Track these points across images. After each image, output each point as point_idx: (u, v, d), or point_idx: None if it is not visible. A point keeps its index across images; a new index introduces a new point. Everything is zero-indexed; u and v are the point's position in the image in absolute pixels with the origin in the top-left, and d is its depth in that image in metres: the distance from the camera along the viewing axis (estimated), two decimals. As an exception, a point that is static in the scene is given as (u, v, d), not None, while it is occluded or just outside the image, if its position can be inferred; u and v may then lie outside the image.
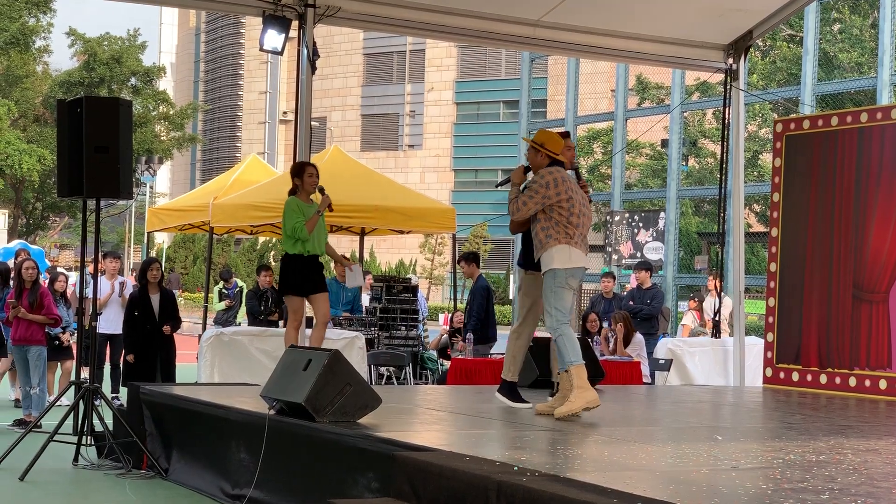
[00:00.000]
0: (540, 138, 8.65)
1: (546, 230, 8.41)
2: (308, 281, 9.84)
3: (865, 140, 11.39)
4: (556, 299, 8.33)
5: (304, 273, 9.80)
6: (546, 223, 8.42)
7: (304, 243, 9.76)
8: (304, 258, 9.80)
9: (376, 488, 6.52)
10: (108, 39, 50.59)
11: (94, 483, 8.72)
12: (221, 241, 46.51)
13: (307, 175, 10.04)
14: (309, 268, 9.84)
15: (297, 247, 9.77)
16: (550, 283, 8.39)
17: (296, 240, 9.73)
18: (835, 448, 7.08)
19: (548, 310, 8.42)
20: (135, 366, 12.04)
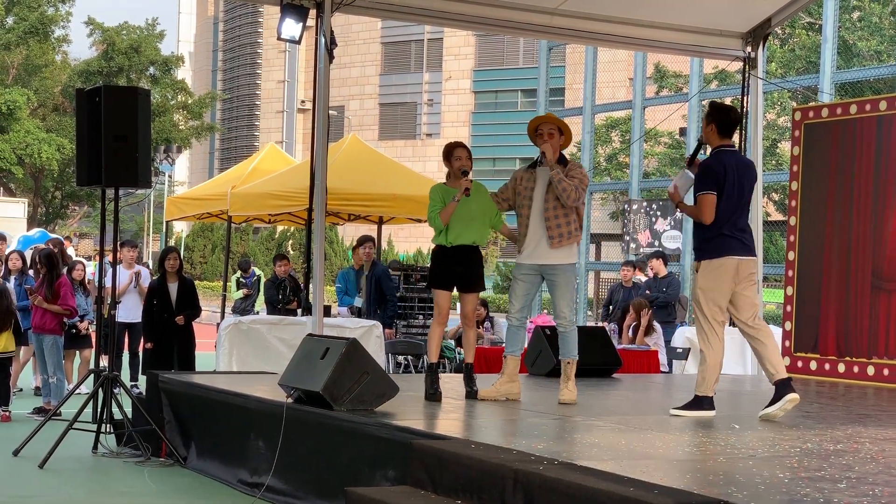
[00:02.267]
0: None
1: (576, 222, 8.54)
2: (449, 274, 8.55)
3: (885, 128, 11.34)
4: (574, 293, 8.64)
5: (446, 265, 8.55)
6: (575, 215, 8.56)
7: (445, 233, 8.55)
8: (447, 249, 8.55)
9: (393, 476, 6.55)
10: (126, 29, 50.67)
11: (113, 471, 8.77)
12: (240, 230, 46.56)
13: (454, 158, 8.74)
14: (453, 260, 8.54)
15: (440, 237, 8.61)
16: (572, 277, 8.56)
17: (439, 230, 8.59)
18: (852, 437, 7.08)
19: (570, 304, 8.53)
20: (153, 354, 12.09)
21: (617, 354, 11.41)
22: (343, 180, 14.20)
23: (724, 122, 8.05)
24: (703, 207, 7.89)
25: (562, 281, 8.47)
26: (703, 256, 7.96)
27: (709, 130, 8.07)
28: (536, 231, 8.49)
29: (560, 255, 8.45)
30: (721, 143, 8.04)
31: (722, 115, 8.08)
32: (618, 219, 35.61)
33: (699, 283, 7.93)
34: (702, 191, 7.92)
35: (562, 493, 5.19)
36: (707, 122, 8.10)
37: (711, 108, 8.21)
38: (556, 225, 8.43)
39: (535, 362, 10.96)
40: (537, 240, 8.49)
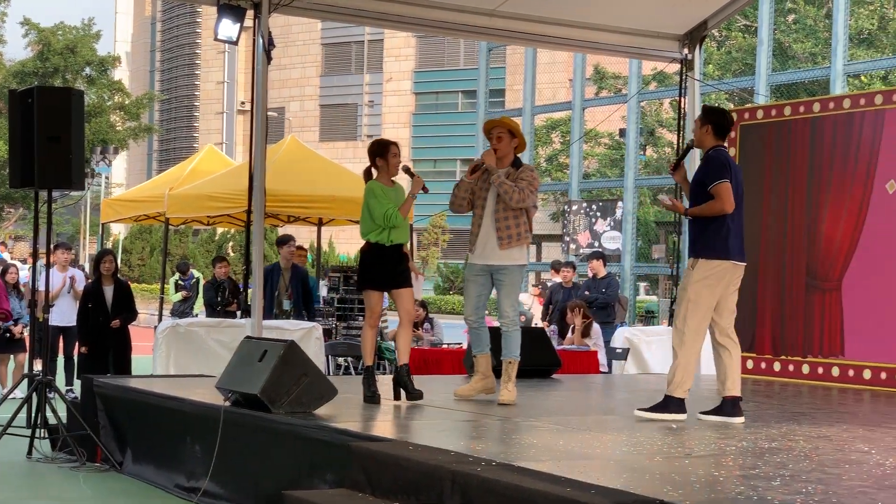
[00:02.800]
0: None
1: (526, 225, 8.59)
2: (391, 274, 8.44)
3: (818, 130, 11.48)
4: (518, 294, 8.66)
5: (388, 265, 8.44)
6: (525, 218, 8.61)
7: (389, 232, 8.41)
8: (387, 248, 8.43)
9: (332, 479, 6.52)
10: (62, 29, 50.09)
11: (47, 476, 8.65)
12: (179, 232, 46.22)
13: (391, 155, 8.60)
14: (393, 259, 8.46)
15: (382, 235, 8.40)
16: (519, 279, 8.61)
17: (381, 228, 8.39)
18: (787, 435, 7.15)
19: (513, 304, 8.59)
20: (88, 358, 11.95)
21: (556, 355, 11.45)
22: (282, 182, 14.12)
23: (720, 123, 7.87)
24: (724, 195, 7.63)
25: (508, 281, 8.52)
26: (704, 255, 7.70)
27: (703, 132, 7.86)
28: (487, 232, 8.55)
29: (509, 256, 8.51)
30: (716, 145, 7.87)
31: (718, 118, 7.91)
32: (558, 220, 35.77)
33: (693, 280, 7.68)
34: (718, 180, 7.65)
35: (499, 493, 5.20)
36: (701, 123, 7.89)
37: (706, 111, 8.04)
38: (505, 227, 8.50)
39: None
40: (487, 241, 8.55)
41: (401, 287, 8.45)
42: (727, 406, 7.79)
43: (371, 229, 8.43)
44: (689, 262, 7.81)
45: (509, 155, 8.62)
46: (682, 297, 7.77)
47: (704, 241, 7.73)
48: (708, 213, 7.71)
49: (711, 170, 7.73)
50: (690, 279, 7.72)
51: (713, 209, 7.68)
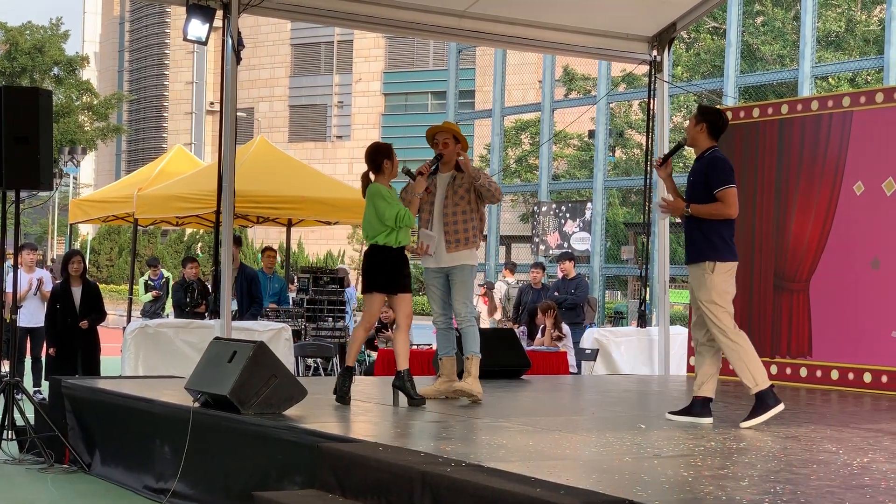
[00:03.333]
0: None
1: (476, 228, 8.68)
2: (397, 277, 8.33)
3: (786, 131, 11.56)
4: (472, 291, 8.74)
5: (396, 268, 8.33)
6: (476, 222, 8.69)
7: (397, 233, 8.28)
8: (394, 251, 8.31)
9: (301, 480, 6.51)
10: (30, 28, 49.80)
11: (15, 478, 8.60)
12: (148, 233, 46.02)
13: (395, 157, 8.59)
14: (399, 262, 8.37)
15: (390, 237, 8.27)
16: (470, 277, 8.69)
17: (390, 230, 8.25)
18: (755, 435, 7.19)
19: (465, 301, 8.65)
20: (56, 359, 11.88)
21: (526, 356, 11.47)
22: (251, 182, 14.09)
23: (715, 123, 7.78)
24: (732, 200, 7.58)
25: (459, 280, 8.62)
26: (719, 257, 7.60)
27: (697, 131, 7.78)
28: (439, 235, 8.64)
29: (461, 257, 8.62)
30: (712, 145, 7.79)
31: (714, 117, 7.82)
32: (527, 221, 35.81)
33: (716, 284, 7.59)
34: (727, 184, 7.59)
35: (469, 494, 5.20)
36: (696, 122, 7.81)
37: (702, 110, 7.95)
38: (454, 231, 8.61)
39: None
40: (438, 243, 8.64)
41: (405, 291, 8.38)
42: (697, 406, 7.81)
43: (378, 231, 8.29)
44: (700, 267, 7.63)
45: (454, 159, 8.72)
46: (706, 302, 7.62)
47: (715, 245, 7.63)
48: (715, 215, 7.63)
49: (718, 173, 7.64)
50: (711, 284, 7.59)
51: (720, 212, 7.62)
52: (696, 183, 7.77)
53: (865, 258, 10.83)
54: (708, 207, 7.65)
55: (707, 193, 7.66)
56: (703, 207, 7.65)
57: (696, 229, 7.70)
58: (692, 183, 7.81)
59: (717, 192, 7.62)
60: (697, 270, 7.67)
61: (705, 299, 7.63)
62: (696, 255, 7.69)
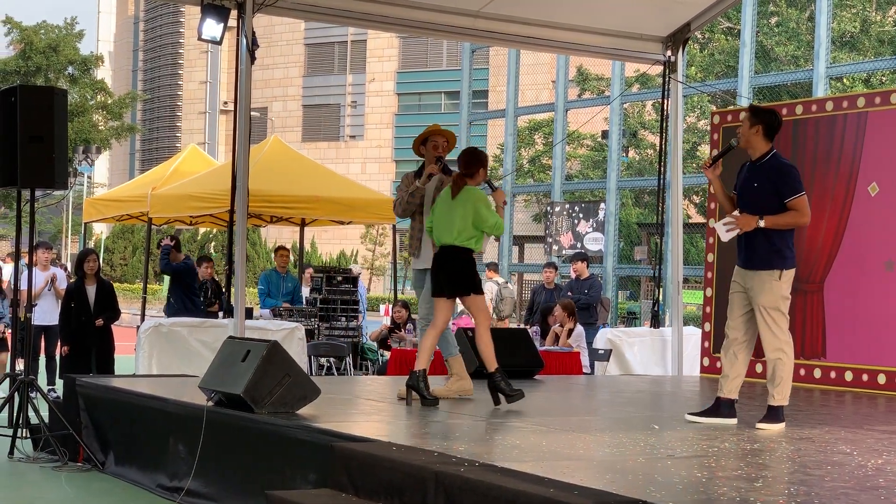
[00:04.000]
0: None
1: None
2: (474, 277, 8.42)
3: (801, 132, 11.53)
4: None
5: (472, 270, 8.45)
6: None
7: (479, 239, 8.37)
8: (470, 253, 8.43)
9: (314, 479, 6.51)
10: (44, 28, 49.88)
11: (29, 476, 8.63)
12: (161, 232, 46.07)
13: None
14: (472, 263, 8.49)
15: (479, 243, 8.38)
16: None
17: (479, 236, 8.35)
18: (770, 436, 7.17)
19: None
20: (71, 358, 11.91)
21: (539, 356, 11.46)
22: (265, 182, 14.11)
23: (771, 124, 7.61)
24: (805, 208, 7.50)
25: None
26: (785, 265, 7.54)
27: (753, 133, 7.60)
28: (428, 237, 8.65)
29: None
30: (770, 148, 7.62)
31: (769, 117, 7.63)
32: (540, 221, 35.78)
33: (782, 291, 7.53)
34: (799, 192, 7.48)
35: (482, 494, 5.20)
36: (750, 124, 7.61)
37: (755, 111, 7.77)
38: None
39: (458, 364, 10.95)
40: (427, 245, 8.68)
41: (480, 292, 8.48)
42: (724, 407, 7.77)
43: (472, 235, 8.30)
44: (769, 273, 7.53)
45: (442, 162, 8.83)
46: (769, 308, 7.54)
47: (782, 253, 7.54)
48: (790, 225, 7.53)
49: (789, 180, 7.52)
50: (778, 290, 7.52)
51: (796, 222, 7.54)
52: (760, 189, 7.59)
53: (880, 259, 10.80)
54: (783, 219, 7.50)
55: (776, 201, 7.51)
56: (778, 219, 7.49)
57: (760, 235, 7.56)
58: (755, 189, 7.61)
59: (790, 201, 7.49)
60: (763, 276, 7.57)
61: (769, 305, 7.54)
62: (763, 262, 7.58)
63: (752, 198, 7.64)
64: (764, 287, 7.57)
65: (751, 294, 7.66)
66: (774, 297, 7.55)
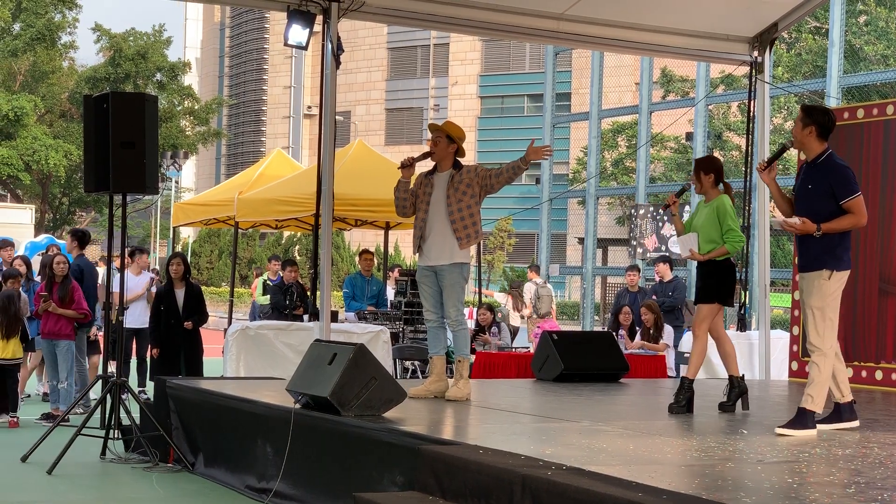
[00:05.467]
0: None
1: (479, 223, 8.74)
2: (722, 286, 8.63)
3: (892, 132, 11.33)
4: (463, 293, 8.76)
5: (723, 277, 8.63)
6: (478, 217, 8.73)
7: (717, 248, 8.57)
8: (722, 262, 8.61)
9: (402, 482, 6.54)
10: (133, 35, 50.77)
11: (121, 476, 8.78)
12: (246, 236, 46.64)
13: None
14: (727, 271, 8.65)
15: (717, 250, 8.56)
16: (460, 278, 8.69)
17: (717, 244, 8.51)
18: (861, 442, 7.06)
19: (455, 305, 8.67)
20: (160, 360, 12.09)
21: (624, 359, 11.41)
22: (349, 186, 14.20)
23: (824, 124, 7.44)
24: (861, 210, 7.35)
25: (448, 282, 8.64)
26: (837, 266, 7.37)
27: (806, 134, 7.44)
28: (436, 233, 8.64)
29: (455, 256, 8.62)
30: (825, 149, 7.47)
31: (822, 117, 7.46)
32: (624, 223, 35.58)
33: (831, 292, 7.35)
34: (853, 194, 7.33)
35: (570, 498, 5.19)
36: (803, 125, 7.45)
37: (808, 110, 7.55)
38: (462, 227, 8.63)
39: (543, 367, 10.96)
40: (435, 241, 8.65)
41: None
42: (846, 411, 7.68)
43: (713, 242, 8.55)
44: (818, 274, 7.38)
45: (447, 158, 8.76)
46: (816, 307, 7.38)
47: (835, 254, 7.38)
48: (847, 228, 7.39)
49: (844, 182, 7.36)
50: (826, 290, 7.36)
51: (853, 225, 7.39)
52: (815, 191, 7.44)
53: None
54: (840, 223, 7.35)
55: (831, 203, 7.35)
56: (835, 225, 7.33)
57: (814, 237, 7.40)
58: (809, 191, 7.47)
59: (845, 203, 7.33)
60: (814, 276, 7.42)
61: (815, 305, 7.39)
62: (815, 262, 7.43)
63: (808, 200, 7.49)
64: (813, 287, 7.41)
65: (803, 296, 7.54)
66: (822, 297, 7.37)
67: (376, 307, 15.10)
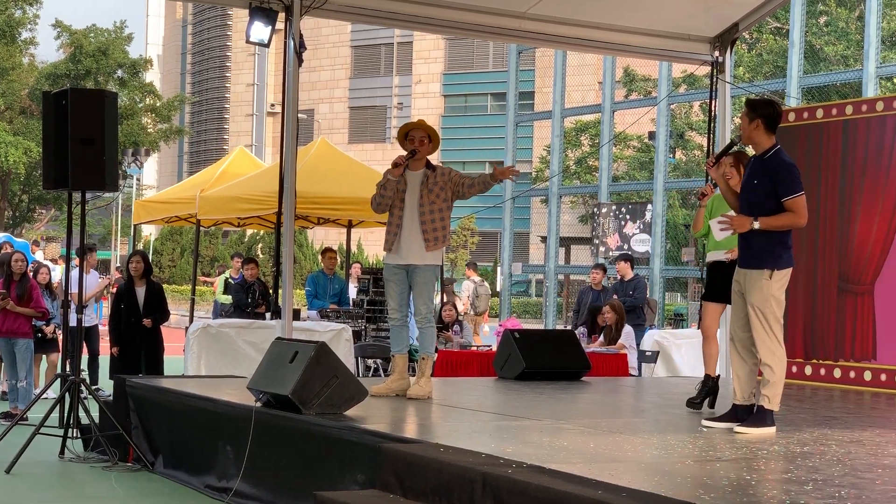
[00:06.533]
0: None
1: (447, 228, 8.78)
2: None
3: (850, 132, 11.43)
4: (433, 291, 8.94)
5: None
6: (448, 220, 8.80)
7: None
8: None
9: (362, 480, 6.54)
10: (94, 31, 50.34)
11: (80, 476, 8.72)
12: (209, 234, 46.40)
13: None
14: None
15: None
16: (433, 278, 8.81)
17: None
18: (819, 439, 7.12)
19: (426, 301, 8.76)
20: (120, 359, 12.01)
21: (586, 357, 11.43)
22: (312, 184, 14.18)
23: (770, 115, 7.34)
24: (802, 210, 7.19)
25: (422, 280, 8.71)
26: (778, 265, 7.31)
27: (753, 128, 7.35)
28: (409, 232, 8.67)
29: (428, 257, 8.68)
30: (774, 143, 7.40)
31: (768, 109, 7.37)
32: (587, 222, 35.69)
33: (773, 292, 7.31)
34: (797, 192, 7.23)
35: (530, 496, 5.20)
36: (749, 119, 7.35)
37: (754, 104, 7.44)
38: (432, 229, 8.67)
39: (505, 365, 10.97)
40: (407, 240, 8.67)
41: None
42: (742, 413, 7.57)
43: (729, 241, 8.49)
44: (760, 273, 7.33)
45: (425, 157, 8.81)
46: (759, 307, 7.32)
47: (776, 252, 7.33)
48: (786, 226, 7.32)
49: (787, 180, 7.28)
50: (768, 290, 7.30)
51: (792, 223, 7.31)
52: (759, 186, 7.39)
53: (932, 261, 10.68)
54: (778, 220, 7.28)
55: (773, 199, 7.31)
56: (773, 221, 7.28)
57: (756, 234, 7.36)
58: (755, 185, 7.43)
59: (787, 201, 7.26)
60: (754, 275, 7.39)
61: (758, 304, 7.34)
62: (755, 260, 7.39)
63: (752, 195, 7.45)
64: (754, 286, 7.37)
65: (744, 293, 7.47)
66: (763, 297, 7.32)
67: (339, 305, 15.07)
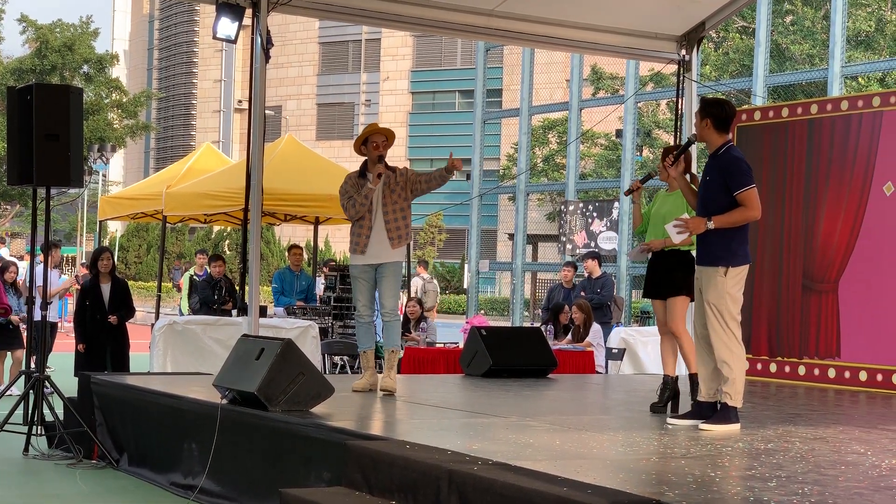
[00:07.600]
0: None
1: (410, 226, 9.04)
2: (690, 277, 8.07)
3: (816, 131, 11.50)
4: (399, 286, 9.17)
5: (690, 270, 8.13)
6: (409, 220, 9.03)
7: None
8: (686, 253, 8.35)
9: (328, 477, 6.53)
10: (60, 26, 49.96)
11: (44, 473, 8.66)
12: (175, 230, 46.20)
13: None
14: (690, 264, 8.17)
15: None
16: (399, 273, 9.04)
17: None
18: (783, 436, 7.16)
19: (392, 296, 9.00)
20: (85, 356, 11.94)
21: (552, 355, 11.46)
22: (279, 180, 14.13)
23: (718, 115, 7.39)
24: (754, 202, 7.24)
25: (390, 275, 8.95)
26: (733, 262, 7.30)
27: (703, 126, 7.42)
28: (377, 233, 8.89)
29: (394, 254, 8.95)
30: (726, 140, 7.44)
31: (716, 109, 7.42)
32: (554, 220, 35.77)
33: (727, 289, 7.31)
34: (747, 185, 7.24)
35: (496, 493, 5.21)
36: (700, 117, 7.44)
37: (705, 103, 7.53)
38: (395, 228, 8.92)
39: (471, 363, 10.98)
40: (376, 241, 8.90)
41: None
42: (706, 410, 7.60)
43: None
44: (715, 270, 7.34)
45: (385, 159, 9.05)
46: (715, 304, 7.33)
47: (731, 249, 7.33)
48: (740, 221, 7.31)
49: (737, 174, 7.31)
50: (723, 287, 7.31)
51: (745, 217, 7.31)
52: (712, 183, 7.43)
53: (895, 259, 10.76)
54: (731, 217, 7.29)
55: (725, 195, 7.33)
56: (726, 218, 7.29)
57: (711, 231, 7.36)
58: (708, 182, 7.46)
59: (738, 194, 7.28)
60: (710, 272, 7.40)
61: (713, 302, 7.35)
62: (711, 258, 7.40)
63: (706, 193, 7.49)
64: (710, 283, 7.39)
65: (702, 290, 7.49)
66: (719, 294, 7.33)
67: (305, 302, 15.05)
